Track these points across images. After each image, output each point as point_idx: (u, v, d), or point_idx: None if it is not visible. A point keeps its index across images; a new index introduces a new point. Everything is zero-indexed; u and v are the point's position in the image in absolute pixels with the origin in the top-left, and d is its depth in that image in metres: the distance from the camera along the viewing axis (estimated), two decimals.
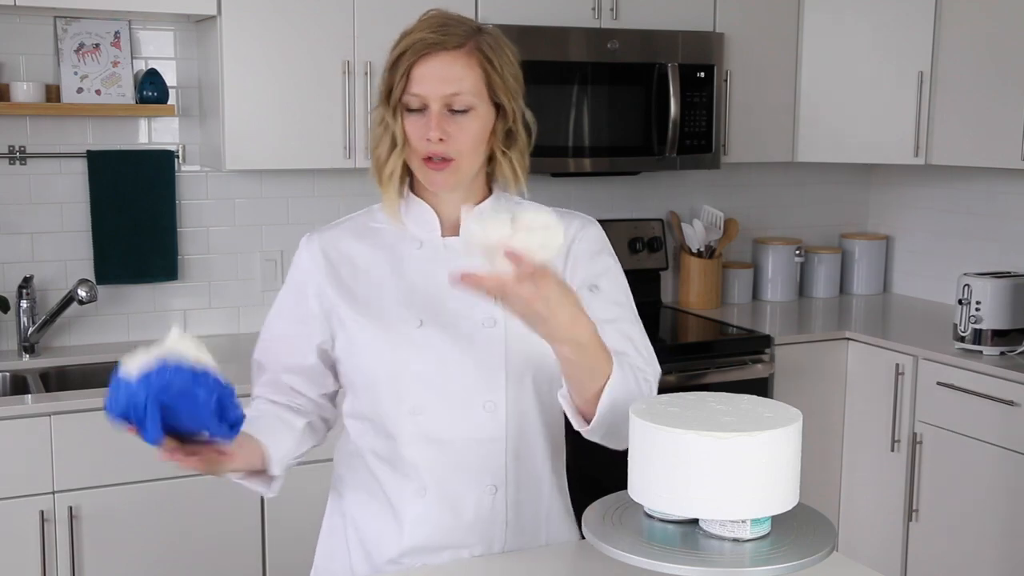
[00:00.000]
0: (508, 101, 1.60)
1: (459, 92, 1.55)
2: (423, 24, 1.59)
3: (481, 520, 1.67)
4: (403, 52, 1.56)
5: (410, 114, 1.58)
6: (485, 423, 1.64)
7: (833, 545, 1.40)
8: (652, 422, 1.36)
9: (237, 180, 3.39)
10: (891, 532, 3.48)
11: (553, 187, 3.75)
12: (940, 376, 3.28)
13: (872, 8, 3.69)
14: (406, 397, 1.62)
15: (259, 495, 1.97)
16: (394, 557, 1.68)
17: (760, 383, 3.41)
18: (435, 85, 1.55)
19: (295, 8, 3.08)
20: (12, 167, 3.13)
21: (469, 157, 1.60)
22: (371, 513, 1.70)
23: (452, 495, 1.66)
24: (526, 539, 1.72)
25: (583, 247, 1.69)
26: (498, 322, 1.61)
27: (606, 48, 3.41)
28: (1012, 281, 3.24)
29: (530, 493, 1.72)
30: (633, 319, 1.69)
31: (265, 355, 1.74)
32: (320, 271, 1.68)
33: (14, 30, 3.10)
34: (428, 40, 1.55)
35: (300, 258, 1.72)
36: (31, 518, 2.64)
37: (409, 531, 1.66)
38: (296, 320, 1.71)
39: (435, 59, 1.55)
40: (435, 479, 1.65)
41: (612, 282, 1.69)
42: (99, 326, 3.28)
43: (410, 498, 1.66)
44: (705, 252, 3.93)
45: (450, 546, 1.67)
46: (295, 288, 1.72)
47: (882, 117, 3.71)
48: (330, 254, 1.69)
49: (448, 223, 1.67)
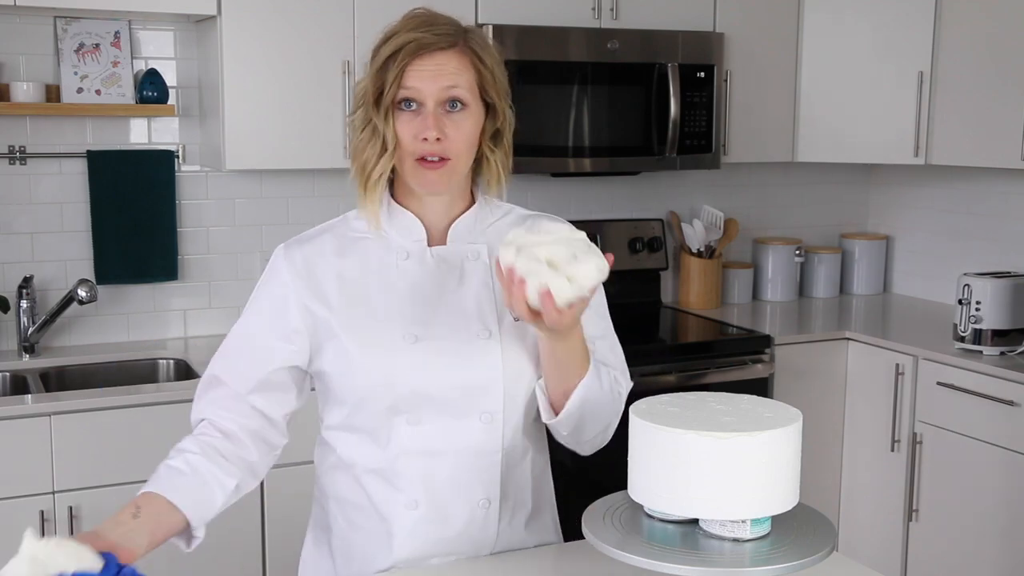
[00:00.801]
0: (498, 100, 1.60)
1: (455, 86, 1.54)
2: (410, 23, 1.56)
3: (472, 533, 1.65)
4: (394, 52, 1.53)
5: (402, 115, 1.55)
6: (482, 435, 1.61)
7: (833, 545, 1.40)
8: (652, 422, 1.36)
9: (237, 180, 3.40)
10: (891, 532, 3.48)
11: (553, 187, 3.75)
12: (940, 376, 3.28)
13: (872, 8, 3.69)
14: (403, 409, 1.58)
15: (251, 500, 1.95)
16: (382, 567, 1.65)
17: (760, 383, 3.41)
18: (431, 82, 1.53)
19: (295, 8, 3.08)
20: (12, 167, 3.13)
21: (464, 157, 1.58)
22: (359, 526, 1.66)
23: (444, 508, 1.62)
24: (512, 548, 1.70)
25: None
26: (493, 334, 1.60)
27: (606, 48, 3.41)
28: (1012, 281, 3.24)
29: (521, 506, 1.70)
30: (613, 333, 1.73)
31: (229, 371, 1.62)
32: (303, 285, 1.60)
33: (14, 30, 3.10)
34: (422, 40, 1.53)
35: (278, 270, 1.63)
36: (31, 518, 2.64)
37: (399, 544, 1.63)
38: (275, 335, 1.61)
39: (429, 58, 1.53)
40: (428, 492, 1.61)
41: (599, 297, 1.69)
42: (99, 326, 3.28)
43: (401, 511, 1.62)
44: (705, 252, 3.93)
45: (439, 556, 1.65)
46: (273, 301, 1.62)
47: (882, 117, 3.71)
48: (314, 268, 1.61)
49: (434, 232, 1.64)
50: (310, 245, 1.64)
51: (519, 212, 1.72)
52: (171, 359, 3.20)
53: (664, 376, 3.23)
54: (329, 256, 1.63)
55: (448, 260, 1.63)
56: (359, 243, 1.64)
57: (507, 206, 1.71)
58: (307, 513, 2.83)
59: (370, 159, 1.57)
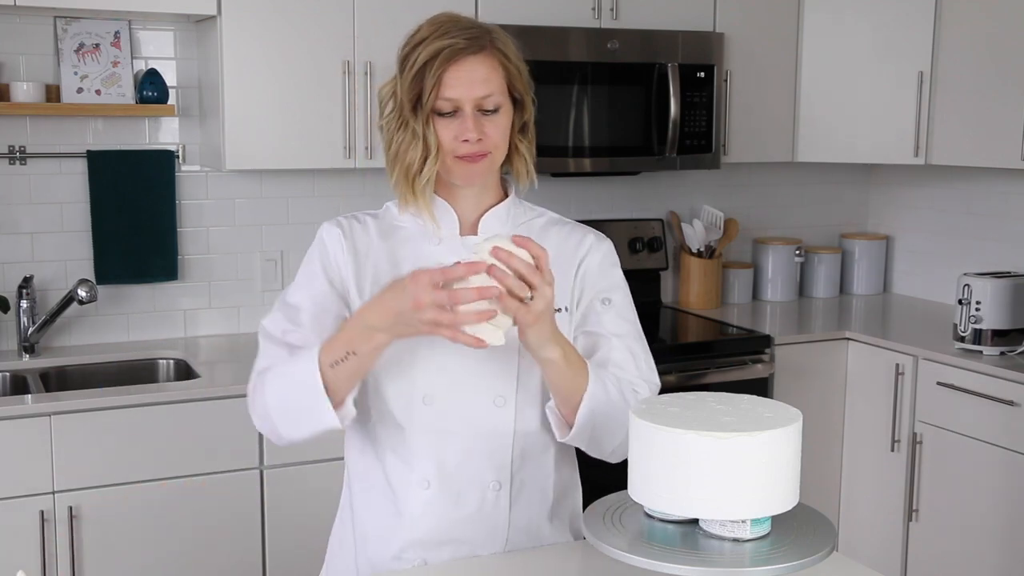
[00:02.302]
0: (524, 94, 1.67)
1: (490, 93, 1.61)
2: (440, 29, 1.61)
3: (484, 516, 1.69)
4: (430, 59, 1.59)
5: (440, 118, 1.61)
6: (494, 417, 1.66)
7: (833, 545, 1.40)
8: (652, 422, 1.36)
9: (237, 180, 3.40)
10: (891, 532, 3.48)
11: (553, 187, 3.75)
12: (940, 376, 3.28)
13: (872, 8, 3.69)
14: (419, 385, 1.64)
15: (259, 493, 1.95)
16: (395, 550, 1.69)
17: (760, 383, 3.41)
18: (468, 88, 1.59)
19: (295, 8, 3.08)
20: (12, 167, 3.13)
21: (501, 149, 1.66)
22: (375, 504, 1.71)
23: (456, 489, 1.67)
24: (529, 538, 1.73)
25: (595, 259, 1.75)
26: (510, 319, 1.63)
27: (606, 48, 3.41)
28: (1012, 281, 3.24)
29: (535, 493, 1.73)
30: (638, 335, 1.75)
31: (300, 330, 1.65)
32: (346, 257, 1.68)
33: (14, 30, 3.10)
34: (455, 46, 1.59)
35: (327, 240, 1.70)
36: (31, 518, 2.64)
37: (410, 523, 1.67)
38: (331, 289, 1.68)
39: (464, 63, 1.59)
40: (440, 471, 1.66)
41: (623, 298, 1.75)
42: (99, 326, 3.28)
43: (414, 489, 1.67)
44: (705, 252, 3.93)
45: (451, 540, 1.68)
46: (321, 269, 1.69)
47: (882, 117, 3.71)
48: (358, 245, 1.69)
49: (465, 222, 1.71)
50: (358, 225, 1.72)
51: (551, 216, 1.79)
52: (171, 359, 3.20)
53: (664, 376, 3.19)
54: (375, 238, 1.71)
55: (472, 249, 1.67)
56: (398, 230, 1.71)
57: (540, 209, 1.79)
58: (307, 513, 2.84)
59: (414, 162, 1.63)
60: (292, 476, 2.87)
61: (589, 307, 1.72)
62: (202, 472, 2.79)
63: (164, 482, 2.74)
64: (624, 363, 1.69)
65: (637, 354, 1.72)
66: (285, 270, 3.44)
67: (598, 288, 1.72)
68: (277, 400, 1.60)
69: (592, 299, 1.72)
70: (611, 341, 1.69)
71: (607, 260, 1.75)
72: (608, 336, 1.69)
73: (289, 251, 3.44)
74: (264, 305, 3.44)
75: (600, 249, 1.75)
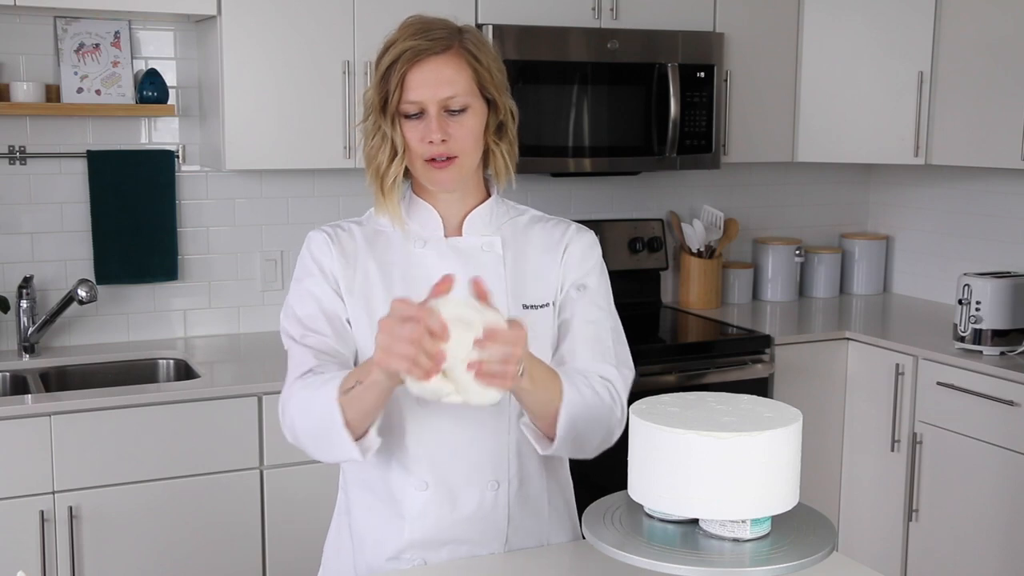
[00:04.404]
0: (497, 95, 1.66)
1: (454, 94, 1.61)
2: (406, 32, 1.62)
3: (482, 516, 1.69)
4: (393, 62, 1.60)
5: (408, 120, 1.62)
6: (490, 418, 1.66)
7: (833, 545, 1.40)
8: (652, 422, 1.36)
9: (237, 180, 3.40)
10: (891, 532, 3.48)
11: (553, 187, 3.75)
12: (940, 376, 3.28)
13: (872, 8, 3.69)
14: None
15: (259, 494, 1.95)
16: (394, 553, 1.69)
17: (760, 383, 3.41)
18: (430, 90, 1.60)
19: (295, 8, 3.08)
20: (12, 167, 3.13)
21: (470, 153, 1.65)
22: (372, 508, 1.72)
23: (454, 490, 1.67)
24: (528, 537, 1.73)
25: (576, 249, 1.75)
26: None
27: (606, 48, 3.41)
28: (1012, 281, 3.24)
29: (533, 491, 1.73)
30: (612, 325, 1.75)
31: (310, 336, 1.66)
32: (336, 264, 1.69)
33: (14, 30, 3.10)
34: (417, 47, 1.59)
35: (316, 248, 1.70)
36: (31, 518, 2.64)
37: (410, 525, 1.67)
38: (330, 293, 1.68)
39: (426, 65, 1.60)
40: (437, 473, 1.66)
41: (598, 283, 1.75)
42: (99, 326, 3.28)
43: (412, 492, 1.67)
44: (705, 252, 3.93)
45: (451, 541, 1.69)
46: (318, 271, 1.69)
47: (882, 117, 3.71)
48: (346, 251, 1.70)
49: (450, 225, 1.71)
50: (343, 230, 1.73)
51: (533, 213, 1.80)
52: (171, 359, 3.20)
53: (664, 376, 3.23)
54: (361, 246, 1.71)
55: (463, 250, 1.70)
56: (381, 235, 1.72)
57: (522, 207, 1.80)
58: (307, 513, 2.84)
59: (383, 164, 1.64)
60: (292, 476, 2.87)
61: (566, 295, 1.73)
62: (202, 472, 2.79)
63: (164, 482, 2.74)
64: (590, 348, 1.69)
65: (604, 339, 1.71)
66: (285, 270, 3.44)
67: (575, 276, 1.73)
68: (303, 428, 1.60)
69: (569, 287, 1.73)
70: (581, 328, 1.69)
71: (587, 249, 1.76)
72: (579, 322, 1.70)
73: (289, 251, 3.44)
74: (264, 305, 3.45)
75: (581, 239, 1.76)
